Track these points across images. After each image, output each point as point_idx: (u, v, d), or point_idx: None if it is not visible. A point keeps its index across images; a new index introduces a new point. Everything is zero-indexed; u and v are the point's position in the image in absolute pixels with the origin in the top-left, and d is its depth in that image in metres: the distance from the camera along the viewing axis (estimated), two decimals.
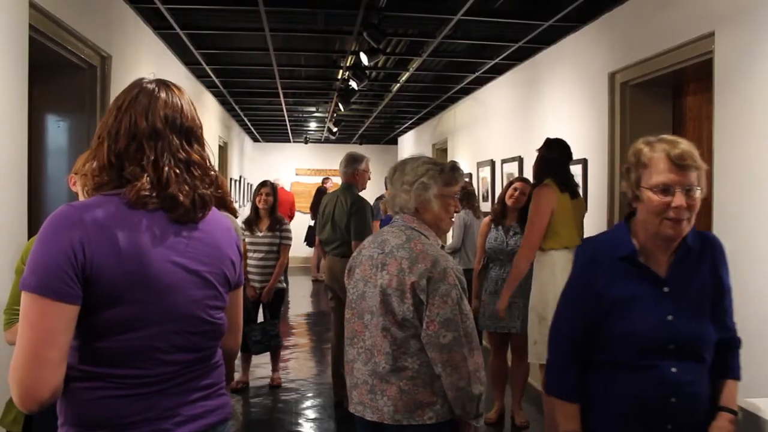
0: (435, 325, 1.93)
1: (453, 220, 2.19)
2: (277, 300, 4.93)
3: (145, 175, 1.28)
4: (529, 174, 5.35)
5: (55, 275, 1.17)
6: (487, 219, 4.40)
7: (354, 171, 4.49)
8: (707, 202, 3.19)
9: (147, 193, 1.27)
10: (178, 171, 1.31)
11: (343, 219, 4.34)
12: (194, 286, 1.32)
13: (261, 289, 4.78)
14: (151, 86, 1.35)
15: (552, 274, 3.56)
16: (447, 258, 2.02)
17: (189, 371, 1.34)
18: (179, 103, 1.36)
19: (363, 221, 4.30)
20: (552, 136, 4.13)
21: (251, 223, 4.86)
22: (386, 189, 3.00)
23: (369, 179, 4.61)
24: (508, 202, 4.20)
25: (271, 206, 4.86)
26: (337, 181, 13.08)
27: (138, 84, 1.36)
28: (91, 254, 1.19)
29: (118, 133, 1.30)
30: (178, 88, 1.40)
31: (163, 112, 1.33)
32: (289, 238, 4.90)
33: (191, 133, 1.37)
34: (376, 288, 2.03)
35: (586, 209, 3.76)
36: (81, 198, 2.02)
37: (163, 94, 1.34)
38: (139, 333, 1.25)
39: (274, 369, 5.06)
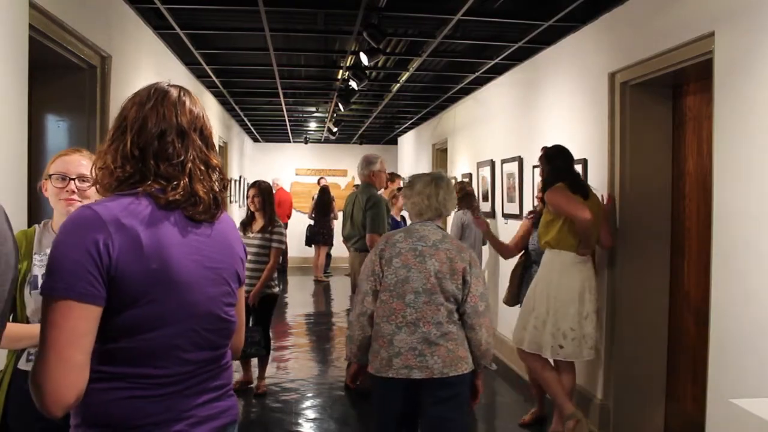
0: (475, 298, 2.59)
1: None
2: (266, 306, 4.71)
3: (184, 178, 1.31)
4: (527, 174, 5.36)
5: (79, 277, 1.17)
6: (531, 218, 4.38)
7: (370, 172, 4.84)
8: (707, 201, 3.20)
9: (180, 196, 1.30)
10: (201, 169, 1.35)
11: (360, 216, 4.67)
12: (211, 283, 1.34)
13: (249, 292, 4.66)
14: (175, 90, 1.38)
15: (549, 271, 3.73)
16: (470, 249, 2.75)
17: (203, 371, 1.36)
18: (200, 111, 1.41)
19: (377, 217, 4.55)
20: (551, 138, 4.18)
21: (245, 225, 4.82)
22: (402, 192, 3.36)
23: (388, 178, 4.83)
24: None
25: (262, 207, 4.77)
26: (334, 180, 13.33)
27: (160, 86, 1.38)
28: (116, 255, 1.20)
29: (144, 128, 1.31)
30: (197, 98, 1.44)
31: (188, 114, 1.37)
32: (280, 242, 4.72)
33: (208, 141, 1.41)
34: (423, 273, 2.57)
35: (601, 207, 3.78)
36: (57, 202, 2.05)
37: (187, 100, 1.39)
38: (161, 331, 1.26)
39: (260, 377, 4.87)
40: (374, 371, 2.61)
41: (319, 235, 11.06)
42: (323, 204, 11.13)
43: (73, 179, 2.09)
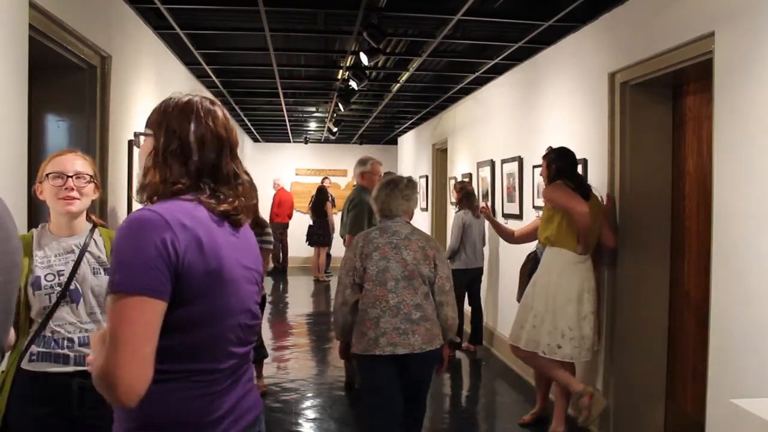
0: (442, 279, 3.05)
1: None
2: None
3: (231, 190, 1.43)
4: (527, 174, 5.36)
5: (151, 274, 1.24)
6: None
7: (360, 173, 4.91)
8: (707, 201, 3.20)
9: (229, 206, 1.41)
10: (239, 181, 1.47)
11: (345, 216, 4.79)
12: (247, 281, 1.45)
13: None
14: (219, 110, 1.47)
15: (548, 270, 3.74)
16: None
17: (241, 365, 1.45)
18: (230, 122, 1.52)
19: (355, 218, 4.62)
20: (551, 138, 4.18)
21: None
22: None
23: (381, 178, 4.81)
24: None
25: None
26: (336, 180, 13.35)
27: (206, 104, 1.45)
28: (183, 253, 1.28)
29: (202, 148, 1.41)
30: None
31: (232, 133, 1.48)
32: (270, 242, 4.60)
33: (236, 150, 1.51)
34: (400, 262, 2.97)
35: (601, 208, 3.79)
36: (56, 202, 2.08)
37: (228, 118, 1.49)
38: (217, 326, 1.35)
39: (258, 377, 4.86)
40: (361, 351, 2.97)
41: (316, 236, 11.09)
42: (319, 204, 11.16)
43: (71, 177, 2.09)
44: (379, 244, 3.01)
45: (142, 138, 1.47)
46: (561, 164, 3.82)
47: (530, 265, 4.38)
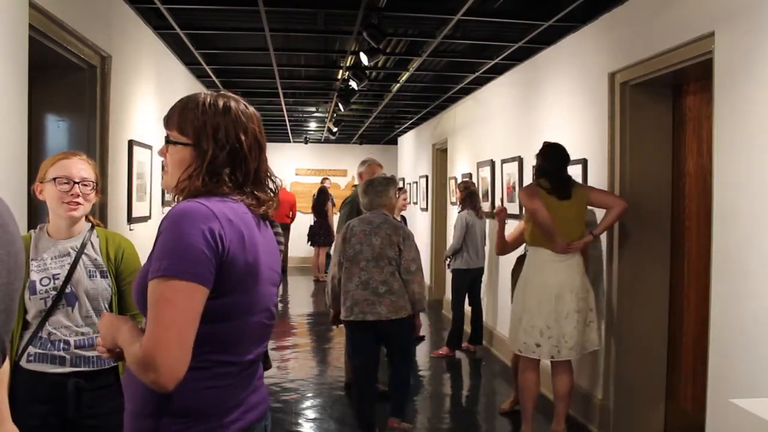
0: (408, 261, 3.69)
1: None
2: None
3: (267, 194, 1.47)
4: (527, 175, 5.36)
5: (200, 261, 1.26)
6: None
7: (359, 173, 5.04)
8: (707, 201, 3.20)
9: (268, 209, 1.47)
10: (267, 182, 1.51)
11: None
12: (271, 282, 1.47)
13: None
14: (249, 110, 1.49)
15: (526, 269, 3.90)
16: (405, 226, 3.91)
17: (255, 361, 1.47)
18: None
19: (344, 216, 4.81)
20: (550, 138, 4.15)
21: None
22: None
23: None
24: None
25: None
26: (336, 180, 13.35)
27: (243, 106, 1.47)
28: (228, 244, 1.31)
29: (251, 153, 1.43)
30: None
31: (262, 129, 1.50)
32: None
33: None
34: (370, 246, 3.67)
35: (584, 205, 3.74)
36: (59, 206, 2.08)
37: (256, 114, 1.51)
38: (243, 321, 1.37)
39: None
40: (343, 317, 3.75)
41: (317, 236, 11.12)
42: (320, 204, 11.19)
43: (77, 183, 2.09)
44: (357, 231, 3.73)
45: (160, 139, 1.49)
46: (541, 163, 3.82)
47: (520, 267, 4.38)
